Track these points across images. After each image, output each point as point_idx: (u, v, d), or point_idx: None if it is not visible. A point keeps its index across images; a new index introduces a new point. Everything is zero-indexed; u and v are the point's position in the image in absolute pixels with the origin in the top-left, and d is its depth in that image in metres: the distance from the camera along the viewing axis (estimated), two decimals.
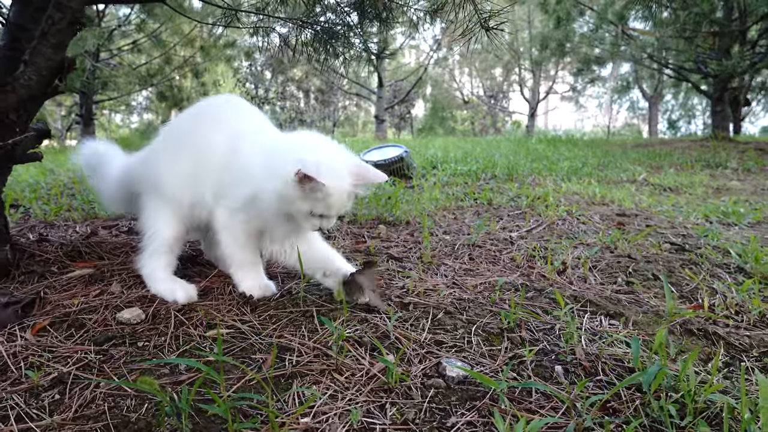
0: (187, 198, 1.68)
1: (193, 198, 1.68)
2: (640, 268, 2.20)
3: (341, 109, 28.57)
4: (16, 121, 1.80)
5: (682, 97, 28.10)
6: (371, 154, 4.90)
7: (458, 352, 1.37)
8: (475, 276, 2.00)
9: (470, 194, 3.85)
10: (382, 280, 1.84)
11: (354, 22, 3.31)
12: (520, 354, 1.37)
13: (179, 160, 1.70)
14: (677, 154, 7.78)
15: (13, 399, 1.11)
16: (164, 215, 1.70)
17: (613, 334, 1.52)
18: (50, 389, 1.15)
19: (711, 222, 3.27)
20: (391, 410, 1.12)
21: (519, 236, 2.66)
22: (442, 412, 1.13)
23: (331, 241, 2.41)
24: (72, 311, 1.50)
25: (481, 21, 2.18)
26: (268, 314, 1.54)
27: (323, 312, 1.56)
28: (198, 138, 1.70)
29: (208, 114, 1.78)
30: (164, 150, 1.77)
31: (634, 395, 1.22)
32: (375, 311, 1.58)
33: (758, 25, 8.82)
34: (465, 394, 1.19)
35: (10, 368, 1.22)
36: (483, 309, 1.63)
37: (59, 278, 1.75)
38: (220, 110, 1.78)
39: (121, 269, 1.85)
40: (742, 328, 1.68)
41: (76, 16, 1.86)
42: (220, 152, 1.64)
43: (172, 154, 1.73)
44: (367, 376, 1.24)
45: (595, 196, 3.95)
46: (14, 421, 1.04)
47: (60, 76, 1.88)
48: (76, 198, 3.37)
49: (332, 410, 1.11)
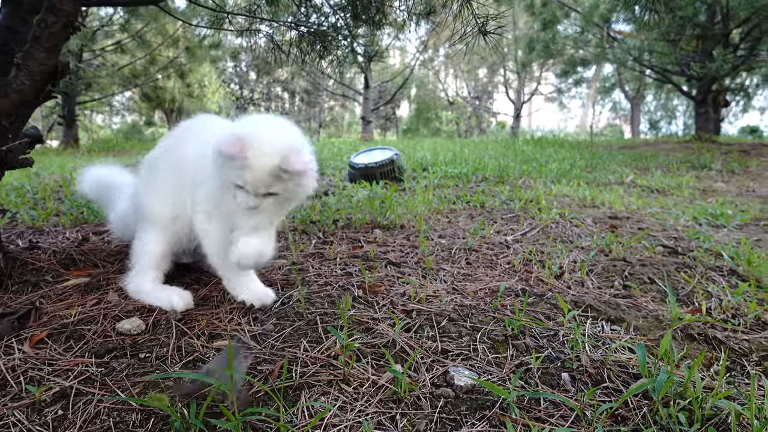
0: (168, 213, 1.69)
1: (173, 212, 1.69)
2: (636, 271, 2.22)
3: (327, 110, 28.49)
4: (9, 127, 1.76)
5: (663, 98, 28.48)
6: (360, 157, 4.88)
7: (465, 360, 1.37)
8: (475, 281, 2.00)
9: (462, 197, 3.86)
10: (383, 287, 1.83)
11: (344, 24, 3.30)
12: (526, 361, 1.37)
13: (159, 179, 1.73)
14: (662, 156, 7.88)
15: (15, 415, 1.08)
16: (150, 234, 1.71)
17: (616, 340, 1.53)
18: (53, 404, 1.13)
19: (700, 224, 3.31)
20: (402, 421, 1.11)
21: (514, 240, 2.67)
22: (453, 423, 1.12)
23: (327, 246, 2.40)
24: (70, 322, 1.47)
25: (479, 25, 2.18)
26: (272, 323, 1.52)
27: (326, 320, 1.54)
28: (174, 154, 1.74)
29: (184, 131, 1.81)
30: (147, 173, 1.79)
31: (642, 402, 1.23)
32: (379, 321, 1.57)
33: (740, 29, 8.96)
34: (474, 404, 1.19)
35: (10, 383, 1.19)
36: (486, 315, 1.63)
37: (54, 287, 1.71)
38: (194, 125, 1.81)
39: (117, 277, 1.81)
40: (740, 332, 1.70)
41: (70, 19, 1.82)
42: (191, 161, 1.66)
43: (153, 175, 1.76)
44: (375, 387, 1.23)
45: (586, 199, 3.98)
46: None
47: (53, 80, 1.85)
48: (65, 202, 3.30)
49: (343, 422, 1.09)
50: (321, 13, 3.37)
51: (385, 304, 1.68)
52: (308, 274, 1.98)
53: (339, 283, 1.87)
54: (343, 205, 3.33)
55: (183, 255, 1.84)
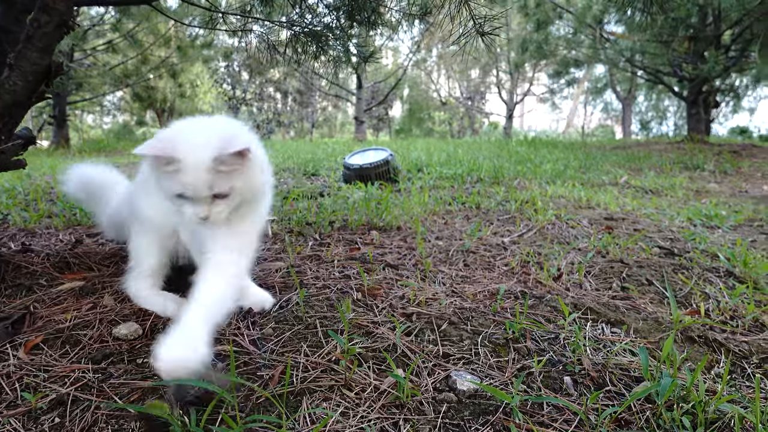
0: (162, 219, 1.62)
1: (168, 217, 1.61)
2: (633, 273, 2.22)
3: (320, 110, 28.45)
4: (2, 128, 1.73)
5: (654, 99, 28.66)
6: (354, 158, 4.86)
7: (466, 364, 1.36)
8: (473, 283, 1.99)
9: (458, 198, 3.85)
10: (382, 290, 1.82)
11: (338, 25, 3.29)
12: (528, 365, 1.36)
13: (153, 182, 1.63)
14: (655, 157, 7.91)
15: (11, 423, 1.06)
16: (146, 238, 1.67)
17: (616, 342, 1.52)
18: (49, 412, 1.10)
19: (695, 225, 3.33)
20: (405, 427, 1.10)
21: (511, 241, 2.66)
22: (457, 428, 1.11)
23: (324, 248, 2.38)
24: (65, 327, 1.44)
25: (477, 26, 2.17)
26: (271, 326, 1.50)
27: (326, 324, 1.53)
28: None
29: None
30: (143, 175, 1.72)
31: (644, 406, 1.22)
32: (379, 325, 1.56)
33: (731, 30, 9.03)
34: (477, 408, 1.18)
35: (5, 390, 1.17)
36: (486, 318, 1.62)
37: (48, 291, 1.68)
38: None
39: (113, 281, 1.79)
40: (738, 333, 1.70)
41: (64, 18, 1.79)
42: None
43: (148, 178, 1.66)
44: (377, 392, 1.21)
45: (581, 200, 3.98)
46: None
47: (46, 81, 1.82)
48: (57, 204, 3.27)
49: (345, 428, 1.08)
50: (315, 13, 3.36)
51: (384, 307, 1.67)
52: (306, 276, 1.96)
53: (337, 285, 1.85)
54: (338, 207, 3.31)
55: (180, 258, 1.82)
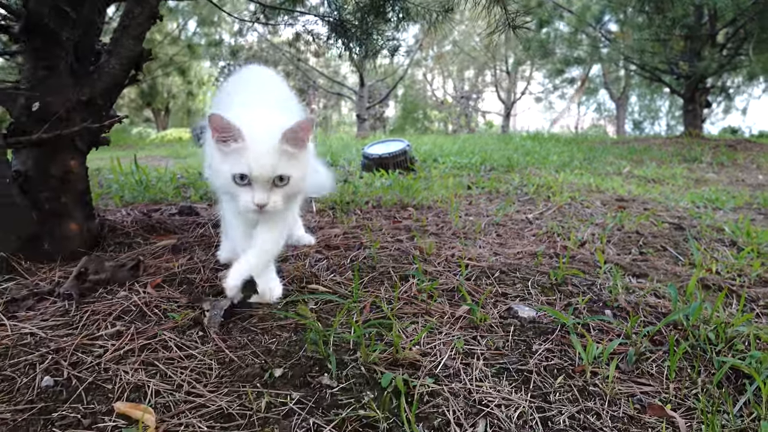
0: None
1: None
2: (649, 241, 2.48)
3: (319, 109, 28.63)
4: (103, 105, 1.97)
5: (648, 98, 29.02)
6: (374, 148, 5.11)
7: (522, 300, 1.61)
8: (510, 248, 2.25)
9: (477, 183, 4.11)
10: (434, 250, 2.07)
11: (371, 20, 3.53)
12: (574, 302, 1.61)
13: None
14: (655, 150, 8.21)
15: (165, 334, 1.30)
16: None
17: (644, 289, 1.78)
18: (192, 328, 1.35)
19: (698, 207, 3.60)
20: (483, 341, 1.35)
21: (534, 218, 2.92)
22: (525, 343, 1.36)
23: (368, 221, 2.63)
24: (177, 271, 1.69)
25: (509, 20, 2.42)
26: (349, 274, 1.75)
27: (398, 271, 1.78)
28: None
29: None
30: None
31: (673, 331, 1.48)
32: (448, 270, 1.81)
33: (726, 30, 9.34)
34: (538, 330, 1.43)
35: (148, 314, 1.41)
36: (531, 270, 1.87)
37: (146, 248, 1.92)
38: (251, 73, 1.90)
39: (197, 241, 2.03)
40: (746, 286, 1.96)
41: (154, 10, 2.04)
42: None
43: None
44: (454, 318, 1.47)
45: (591, 185, 4.25)
46: (176, 348, 1.23)
47: (138, 65, 2.06)
48: (101, 186, 3.49)
49: (435, 341, 1.33)
50: (345, 10, 3.61)
51: (441, 261, 1.92)
52: (363, 240, 2.20)
53: (394, 246, 2.10)
54: (370, 190, 3.56)
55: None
